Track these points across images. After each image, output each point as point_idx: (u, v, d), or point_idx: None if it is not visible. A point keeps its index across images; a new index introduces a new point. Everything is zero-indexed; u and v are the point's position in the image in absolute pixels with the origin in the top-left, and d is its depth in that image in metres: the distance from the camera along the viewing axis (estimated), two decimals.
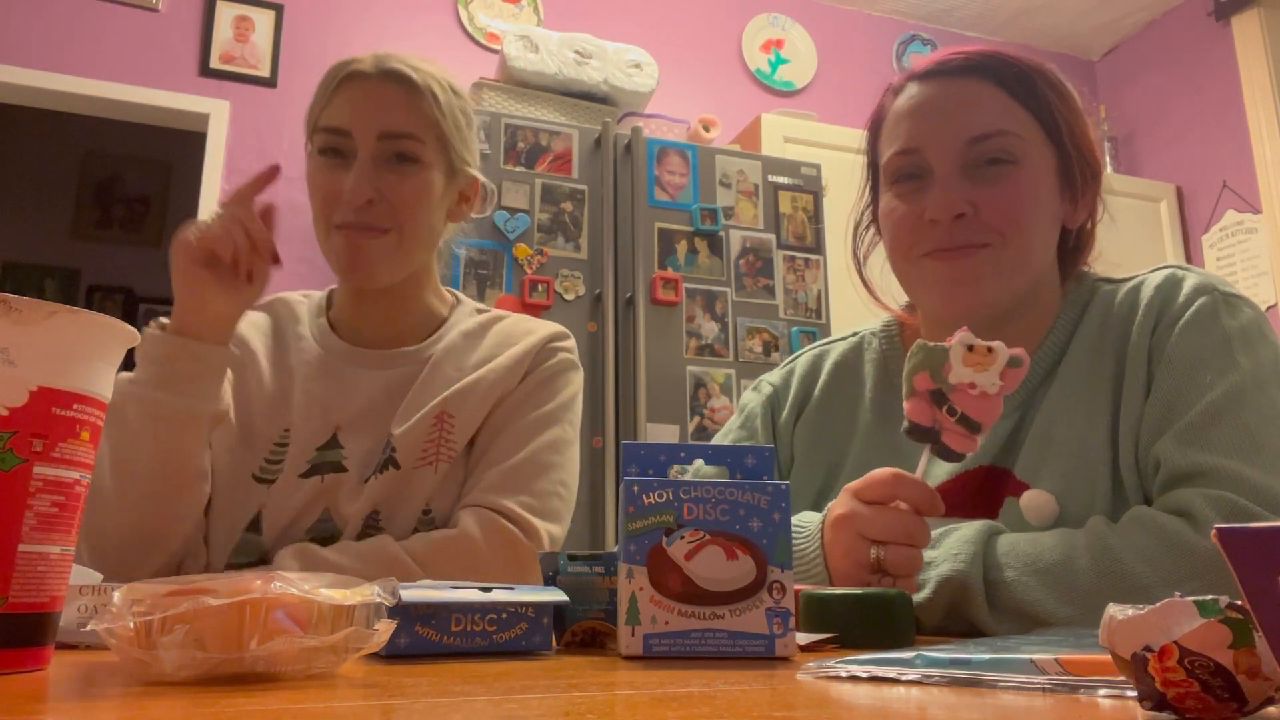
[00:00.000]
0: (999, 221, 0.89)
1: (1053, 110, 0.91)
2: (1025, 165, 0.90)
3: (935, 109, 0.91)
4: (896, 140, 0.93)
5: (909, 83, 0.95)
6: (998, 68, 0.91)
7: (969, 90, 0.91)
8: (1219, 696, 0.32)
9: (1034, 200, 0.90)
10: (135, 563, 0.92)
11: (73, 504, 0.50)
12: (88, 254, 4.90)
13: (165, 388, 0.92)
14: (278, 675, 0.46)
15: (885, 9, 4.20)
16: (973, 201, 0.89)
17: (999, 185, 0.89)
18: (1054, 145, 0.92)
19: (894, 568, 0.76)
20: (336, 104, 1.04)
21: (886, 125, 0.96)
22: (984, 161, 0.90)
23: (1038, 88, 0.91)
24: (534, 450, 1.03)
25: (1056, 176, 0.92)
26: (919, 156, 0.92)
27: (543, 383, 1.08)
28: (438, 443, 1.02)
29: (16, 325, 0.47)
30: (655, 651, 0.56)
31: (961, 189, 0.89)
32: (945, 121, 0.90)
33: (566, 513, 1.05)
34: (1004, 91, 0.91)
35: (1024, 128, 0.90)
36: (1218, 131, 3.90)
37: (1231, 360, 0.84)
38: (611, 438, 2.49)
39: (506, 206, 2.59)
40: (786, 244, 2.85)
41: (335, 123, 1.03)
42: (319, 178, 1.04)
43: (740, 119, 3.65)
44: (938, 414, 0.77)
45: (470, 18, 3.58)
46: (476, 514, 0.98)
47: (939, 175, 0.90)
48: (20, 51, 3.06)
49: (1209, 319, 0.86)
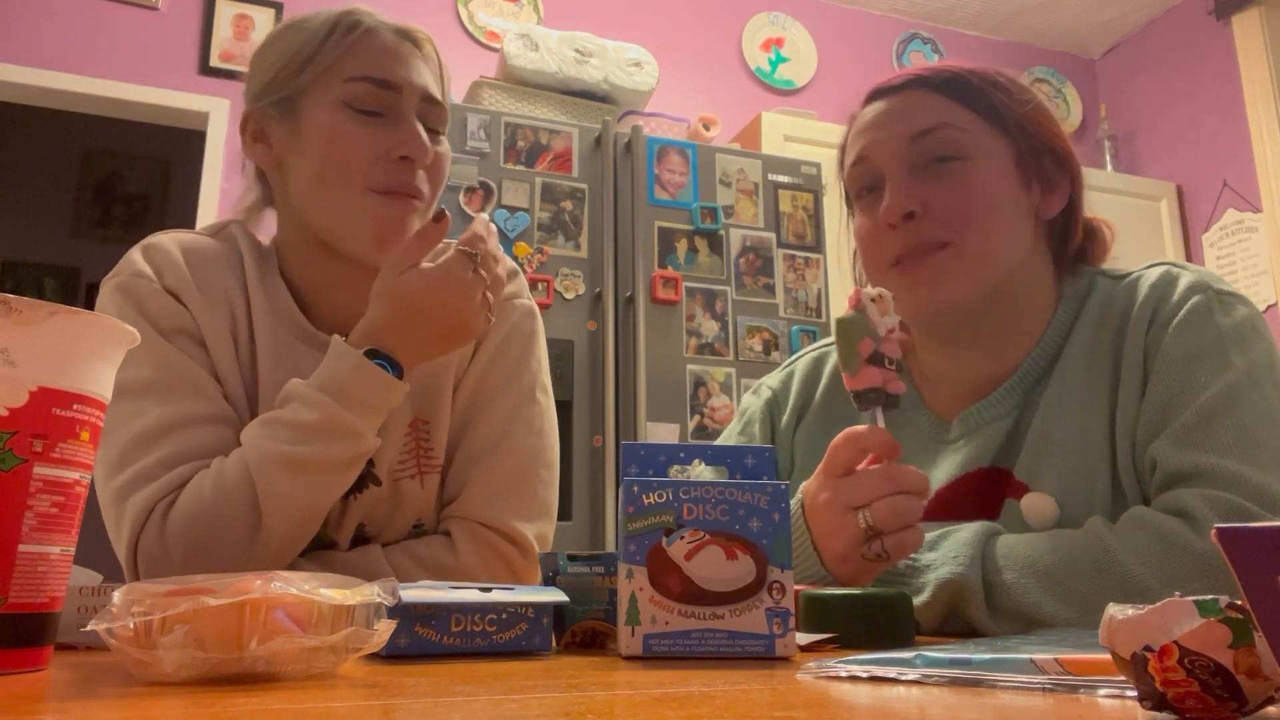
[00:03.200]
0: (952, 217, 0.89)
1: (993, 103, 0.93)
2: (975, 159, 0.91)
3: (878, 120, 0.95)
4: (851, 154, 0.97)
5: (864, 105, 0.98)
6: (932, 77, 0.95)
7: (908, 99, 0.95)
8: (1219, 696, 0.32)
9: (987, 193, 0.90)
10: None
11: (73, 504, 0.50)
12: (87, 252, 4.90)
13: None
14: (278, 675, 0.46)
15: (885, 8, 4.19)
16: (923, 200, 0.90)
17: (949, 181, 0.90)
18: (1005, 135, 0.93)
19: (885, 524, 0.74)
20: (373, 55, 0.92)
21: (848, 144, 0.99)
22: (932, 160, 0.91)
23: (973, 85, 0.94)
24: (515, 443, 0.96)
25: (1014, 166, 0.92)
26: (869, 164, 0.94)
27: (500, 349, 0.99)
28: (416, 453, 0.94)
29: (16, 325, 0.47)
30: (655, 651, 0.56)
31: (910, 188, 0.90)
32: (887, 127, 0.93)
33: (553, 494, 0.99)
34: (941, 95, 0.93)
35: (966, 122, 0.92)
36: (1218, 130, 3.89)
37: (1226, 359, 0.83)
38: (611, 437, 2.49)
39: (506, 205, 2.58)
40: (786, 243, 2.85)
41: (382, 74, 0.91)
42: (356, 132, 0.90)
43: (740, 118, 3.65)
44: (883, 372, 0.79)
45: (470, 16, 3.58)
46: (470, 531, 0.92)
47: (888, 178, 0.92)
48: (20, 50, 3.05)
49: (1203, 317, 0.86)
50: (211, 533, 0.80)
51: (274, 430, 0.82)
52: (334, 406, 0.82)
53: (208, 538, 0.80)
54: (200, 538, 0.80)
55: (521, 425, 0.97)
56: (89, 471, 0.51)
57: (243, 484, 0.81)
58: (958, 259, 0.90)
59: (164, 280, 0.91)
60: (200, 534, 0.80)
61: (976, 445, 0.94)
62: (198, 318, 0.90)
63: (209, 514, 0.80)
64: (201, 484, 0.81)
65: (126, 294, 0.89)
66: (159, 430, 0.84)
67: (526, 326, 1.02)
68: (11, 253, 4.77)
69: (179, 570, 0.79)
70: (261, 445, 0.82)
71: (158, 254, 0.92)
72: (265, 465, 0.81)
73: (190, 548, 0.80)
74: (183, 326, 0.90)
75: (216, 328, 0.91)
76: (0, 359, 0.47)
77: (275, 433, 0.82)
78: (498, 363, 0.98)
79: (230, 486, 0.81)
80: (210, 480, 0.81)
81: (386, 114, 0.91)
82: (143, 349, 0.86)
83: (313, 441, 0.81)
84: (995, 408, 0.94)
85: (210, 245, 0.96)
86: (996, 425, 0.93)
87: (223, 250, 0.96)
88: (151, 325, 0.88)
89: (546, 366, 1.03)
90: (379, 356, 0.85)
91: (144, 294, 0.89)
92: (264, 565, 0.81)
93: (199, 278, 0.92)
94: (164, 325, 0.89)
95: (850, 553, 0.76)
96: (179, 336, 0.89)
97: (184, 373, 0.87)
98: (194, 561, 0.80)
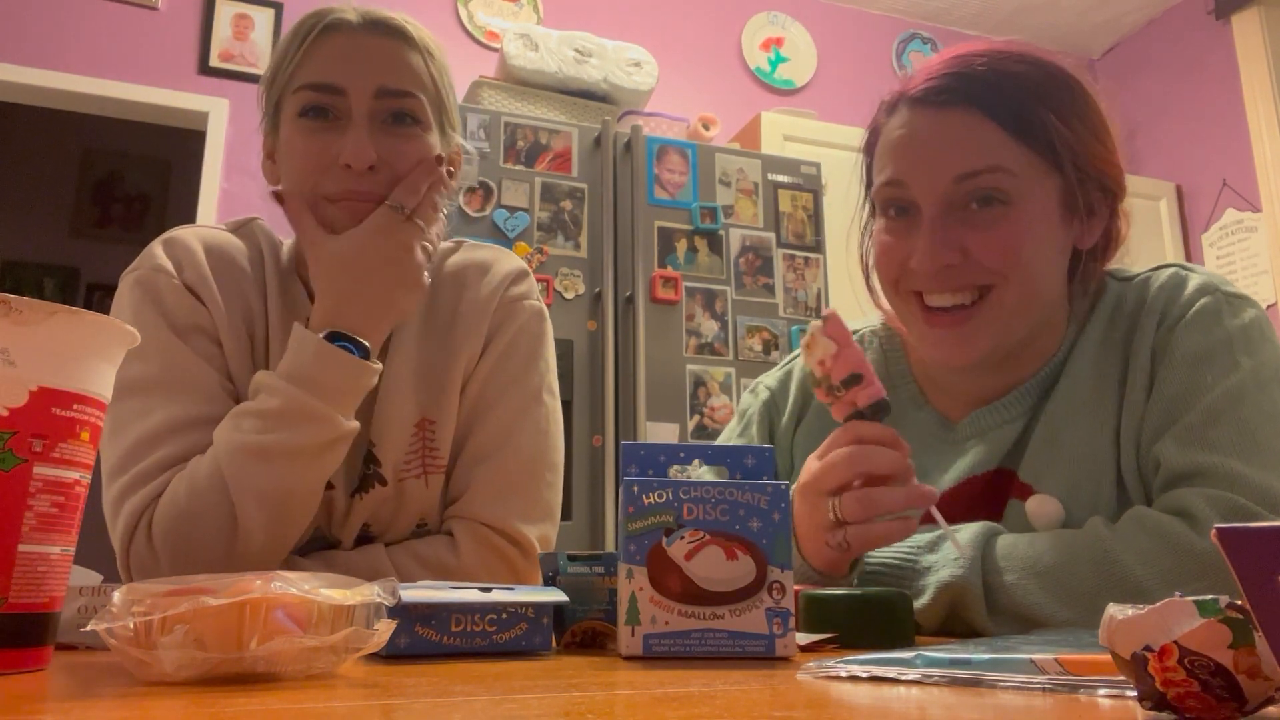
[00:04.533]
0: (995, 264, 0.85)
1: (1052, 138, 0.85)
2: (1021, 204, 0.84)
3: (922, 143, 0.87)
4: (885, 170, 0.89)
5: (901, 104, 0.90)
6: (991, 96, 0.85)
7: (958, 123, 0.85)
8: (1219, 696, 0.32)
9: (1034, 240, 0.85)
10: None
11: (73, 504, 0.50)
12: (87, 252, 4.89)
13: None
14: (278, 675, 0.46)
15: (885, 7, 4.19)
16: (964, 246, 0.84)
17: (993, 229, 0.84)
18: (1057, 172, 0.86)
19: (850, 514, 0.76)
20: (320, 58, 0.90)
21: (879, 149, 0.92)
22: (975, 200, 0.85)
23: (1036, 114, 0.85)
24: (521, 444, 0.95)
25: (1059, 206, 0.87)
26: (905, 191, 0.88)
27: (509, 349, 0.98)
28: (422, 453, 0.94)
29: (16, 325, 0.47)
30: (655, 651, 0.56)
31: (950, 234, 0.85)
32: (932, 158, 0.86)
33: (557, 496, 0.98)
34: (996, 124, 0.84)
35: (1018, 163, 0.84)
36: (1218, 130, 3.89)
37: (1233, 360, 0.83)
38: (611, 436, 2.49)
39: (506, 205, 2.58)
40: (786, 242, 2.85)
41: (323, 79, 0.89)
42: (301, 143, 0.89)
43: (740, 117, 3.64)
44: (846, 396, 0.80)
45: (470, 16, 3.58)
46: (472, 531, 0.92)
47: (926, 216, 0.86)
48: (20, 49, 3.05)
49: (1211, 319, 0.85)
50: (190, 532, 0.80)
51: (240, 421, 0.82)
52: (296, 392, 0.82)
53: (188, 537, 0.80)
54: (180, 539, 0.80)
55: (528, 426, 0.96)
56: (89, 471, 0.51)
57: (214, 480, 0.81)
58: (997, 310, 0.86)
59: (183, 276, 0.90)
60: (180, 535, 0.80)
61: (987, 447, 0.92)
62: (214, 316, 0.90)
63: (185, 514, 0.80)
64: (177, 486, 0.81)
65: (145, 288, 0.89)
66: (163, 431, 0.84)
67: (535, 328, 1.01)
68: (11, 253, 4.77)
69: (168, 574, 0.79)
70: (228, 438, 0.82)
71: (179, 248, 0.92)
72: (233, 457, 0.81)
73: (173, 550, 0.80)
74: (198, 324, 0.89)
75: (233, 326, 0.91)
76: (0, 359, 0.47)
77: (241, 424, 0.82)
78: (506, 363, 0.98)
79: (202, 484, 0.81)
80: (184, 481, 0.81)
81: (337, 118, 0.89)
82: (155, 345, 0.86)
83: (278, 429, 0.81)
84: (1008, 410, 0.93)
85: (233, 242, 0.95)
86: (1007, 428, 0.92)
87: (244, 248, 0.96)
88: (168, 322, 0.88)
89: (554, 368, 1.03)
90: (342, 339, 0.85)
91: (163, 289, 0.89)
92: (252, 562, 0.81)
93: (219, 275, 0.92)
94: (180, 322, 0.88)
95: (816, 538, 0.78)
96: (194, 334, 0.89)
97: (194, 372, 0.87)
98: (180, 563, 0.80)
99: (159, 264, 0.90)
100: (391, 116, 0.90)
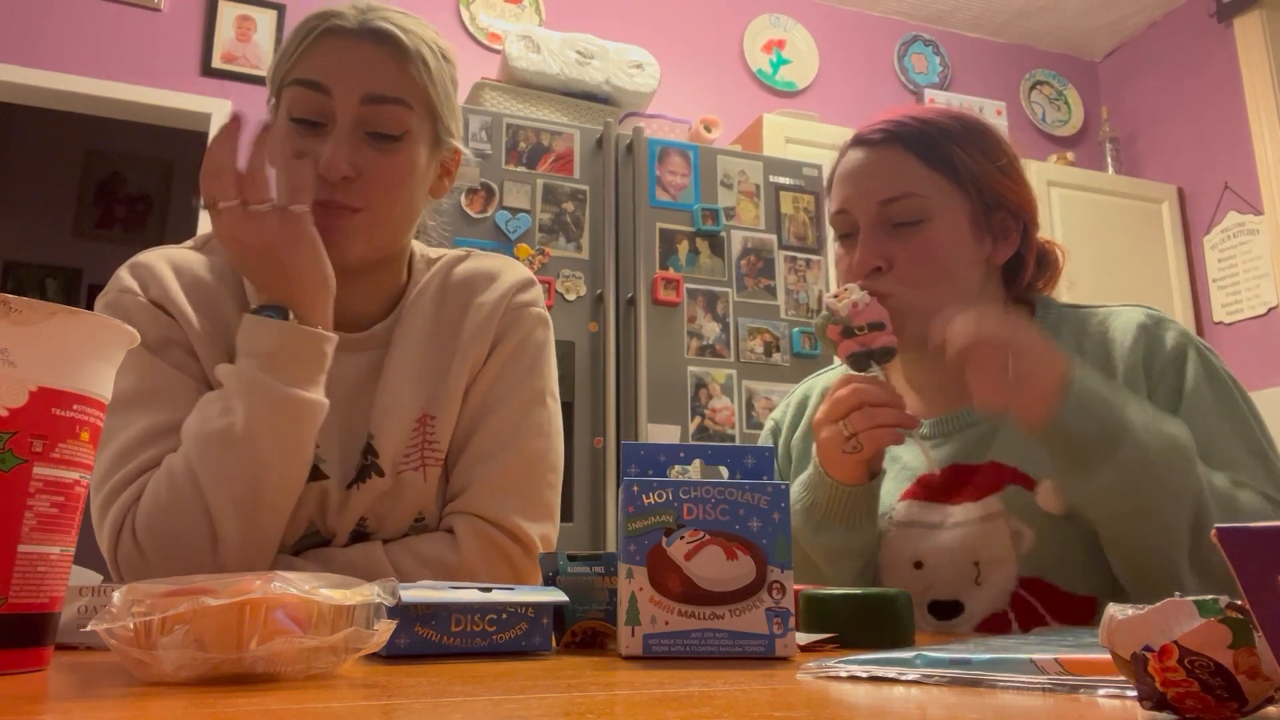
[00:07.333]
0: (914, 274, 1.01)
1: (955, 163, 1.03)
2: (935, 220, 1.02)
3: (856, 174, 1.06)
4: (834, 201, 1.09)
5: (849, 147, 1.09)
6: (910, 135, 1.04)
7: (884, 158, 1.05)
8: (1219, 696, 0.32)
9: (945, 250, 1.02)
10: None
11: (72, 504, 0.50)
12: (89, 253, 4.90)
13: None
14: (278, 675, 0.46)
15: (887, 10, 4.19)
16: (889, 256, 1.02)
17: (910, 242, 1.02)
18: (963, 194, 1.03)
19: (856, 424, 0.94)
20: (313, 59, 0.92)
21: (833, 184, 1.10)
22: (898, 221, 1.03)
23: (947, 149, 1.04)
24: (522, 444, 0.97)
25: (970, 224, 1.03)
26: (848, 215, 1.06)
27: (514, 353, 1.01)
28: (421, 447, 0.95)
29: (16, 325, 0.47)
30: (655, 651, 0.56)
31: (879, 246, 1.02)
32: (863, 186, 1.05)
33: (558, 498, 1.00)
34: (913, 156, 1.03)
35: (929, 187, 1.02)
36: (1219, 132, 3.89)
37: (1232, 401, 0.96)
38: (612, 438, 2.49)
39: (508, 207, 2.59)
40: (788, 244, 2.85)
41: (312, 76, 0.91)
42: (287, 146, 0.91)
43: (742, 119, 3.65)
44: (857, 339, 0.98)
45: (472, 18, 3.58)
46: (473, 526, 0.93)
47: (861, 232, 1.04)
48: (22, 51, 3.06)
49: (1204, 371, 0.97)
50: (172, 526, 0.81)
51: (202, 410, 0.85)
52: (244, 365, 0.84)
53: (170, 532, 0.81)
54: (163, 533, 0.81)
55: (530, 428, 0.99)
56: (89, 471, 0.51)
57: (187, 472, 0.82)
58: (909, 305, 1.02)
59: (149, 294, 0.92)
60: (162, 530, 0.81)
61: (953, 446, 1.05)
62: (186, 329, 0.92)
63: (164, 509, 0.81)
64: (156, 484, 0.83)
65: (114, 310, 0.91)
66: (144, 439, 0.86)
67: (540, 335, 1.04)
68: (13, 253, 4.78)
69: (157, 570, 0.80)
70: (193, 429, 0.84)
71: (142, 270, 0.94)
72: (197, 444, 0.83)
73: (156, 547, 0.81)
74: (169, 337, 0.91)
75: (209, 337, 0.92)
76: (0, 359, 0.47)
77: (203, 412, 0.84)
78: (511, 367, 1.01)
79: (178, 478, 0.82)
80: (162, 477, 0.83)
81: (324, 122, 0.91)
82: (130, 363, 0.88)
83: (234, 407, 0.83)
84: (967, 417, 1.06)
85: (197, 258, 0.97)
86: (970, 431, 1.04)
87: (209, 262, 0.97)
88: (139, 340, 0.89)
89: (555, 373, 1.06)
90: (270, 309, 0.87)
91: (130, 309, 0.91)
92: (234, 554, 0.82)
93: (189, 290, 0.93)
94: (150, 338, 0.90)
95: (835, 453, 0.97)
96: (166, 348, 0.91)
97: (170, 382, 0.89)
98: (165, 557, 0.81)
99: (125, 285, 0.92)
100: (377, 129, 0.92)
